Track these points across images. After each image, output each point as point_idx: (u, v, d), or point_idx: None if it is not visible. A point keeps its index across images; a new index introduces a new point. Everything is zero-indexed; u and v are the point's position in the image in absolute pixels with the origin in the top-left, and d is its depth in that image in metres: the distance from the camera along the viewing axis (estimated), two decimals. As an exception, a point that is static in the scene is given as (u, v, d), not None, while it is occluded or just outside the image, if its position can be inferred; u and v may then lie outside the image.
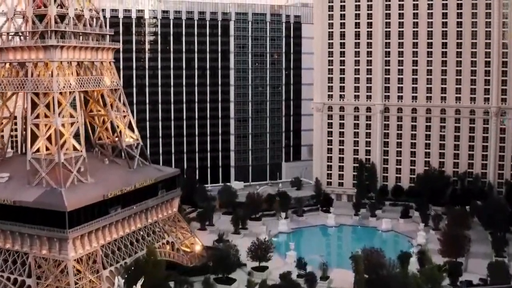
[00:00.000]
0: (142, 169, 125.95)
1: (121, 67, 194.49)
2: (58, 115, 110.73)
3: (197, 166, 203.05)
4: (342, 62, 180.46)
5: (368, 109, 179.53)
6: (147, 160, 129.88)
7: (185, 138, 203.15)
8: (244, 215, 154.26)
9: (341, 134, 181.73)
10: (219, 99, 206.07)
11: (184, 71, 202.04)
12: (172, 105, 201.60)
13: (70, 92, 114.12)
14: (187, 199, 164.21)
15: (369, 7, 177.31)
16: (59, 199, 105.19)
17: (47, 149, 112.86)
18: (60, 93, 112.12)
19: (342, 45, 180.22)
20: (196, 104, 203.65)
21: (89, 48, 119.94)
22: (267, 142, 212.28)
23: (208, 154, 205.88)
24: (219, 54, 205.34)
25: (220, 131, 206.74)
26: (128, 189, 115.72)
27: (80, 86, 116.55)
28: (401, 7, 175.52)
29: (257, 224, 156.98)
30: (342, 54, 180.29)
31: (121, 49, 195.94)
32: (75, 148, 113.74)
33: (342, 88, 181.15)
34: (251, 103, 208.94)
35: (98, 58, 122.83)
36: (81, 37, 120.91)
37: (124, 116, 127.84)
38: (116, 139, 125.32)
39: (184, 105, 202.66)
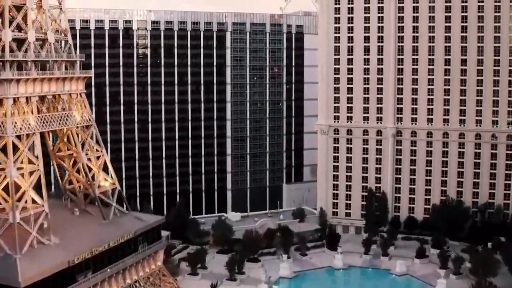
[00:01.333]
0: (119, 220, 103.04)
1: (107, 82, 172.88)
2: (13, 164, 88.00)
3: (190, 189, 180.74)
4: (350, 80, 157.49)
5: (379, 133, 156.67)
6: (125, 207, 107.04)
7: (177, 160, 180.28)
8: (241, 257, 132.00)
9: (349, 159, 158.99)
10: (215, 117, 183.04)
11: (176, 87, 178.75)
12: (163, 124, 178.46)
13: (29, 135, 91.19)
14: (178, 233, 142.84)
15: (380, 19, 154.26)
16: (12, 270, 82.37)
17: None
18: (17, 136, 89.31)
19: (350, 61, 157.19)
20: (190, 122, 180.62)
21: (54, 79, 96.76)
22: (267, 163, 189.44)
23: (203, 176, 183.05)
24: (214, 68, 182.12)
25: (215, 152, 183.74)
26: (101, 249, 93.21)
27: (42, 126, 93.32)
28: (415, 19, 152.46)
29: (255, 267, 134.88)
30: (350, 71, 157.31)
31: (107, 63, 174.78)
32: (35, 202, 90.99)
33: (349, 109, 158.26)
34: (249, 121, 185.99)
35: (66, 90, 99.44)
36: (45, 65, 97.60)
37: (98, 157, 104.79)
38: (89, 184, 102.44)
39: (177, 124, 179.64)
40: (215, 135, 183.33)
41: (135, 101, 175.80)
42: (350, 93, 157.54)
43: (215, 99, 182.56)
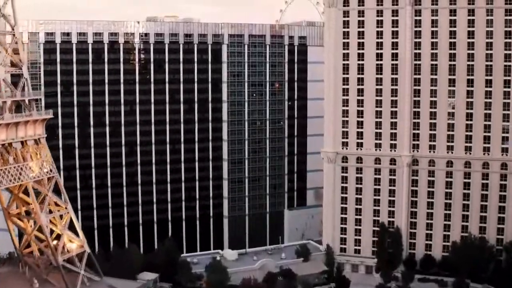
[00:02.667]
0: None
1: (91, 102, 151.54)
2: None
3: (183, 216, 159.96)
4: (360, 102, 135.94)
5: (393, 161, 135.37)
6: (97, 273, 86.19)
7: (169, 185, 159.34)
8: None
9: (359, 190, 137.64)
10: (210, 138, 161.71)
11: (167, 106, 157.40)
12: (153, 147, 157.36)
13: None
14: (167, 275, 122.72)
15: (394, 34, 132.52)
16: None
17: None
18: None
19: (360, 80, 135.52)
20: (182, 144, 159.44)
21: (3, 125, 75.77)
22: (267, 187, 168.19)
23: (197, 202, 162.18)
24: (210, 85, 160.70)
25: (211, 176, 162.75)
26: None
27: (-14, 186, 72.80)
28: (434, 34, 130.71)
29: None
30: (360, 92, 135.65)
31: (90, 81, 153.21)
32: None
33: (360, 135, 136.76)
34: (248, 141, 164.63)
35: (19, 137, 78.60)
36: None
37: (62, 216, 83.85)
38: (50, 248, 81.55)
39: (168, 146, 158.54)
40: (210, 157, 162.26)
41: (122, 122, 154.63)
42: (361, 116, 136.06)
43: (210, 119, 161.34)
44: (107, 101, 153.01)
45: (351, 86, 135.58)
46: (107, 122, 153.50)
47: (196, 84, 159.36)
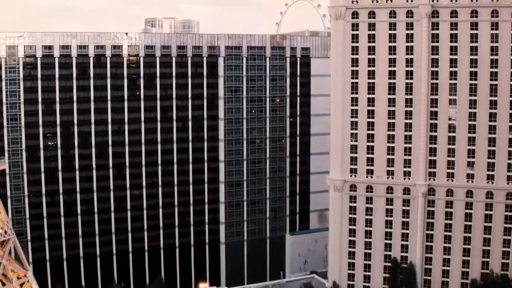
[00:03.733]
0: None
1: (75, 121, 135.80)
2: None
3: (177, 243, 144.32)
4: (371, 125, 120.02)
5: (406, 190, 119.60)
6: None
7: (161, 210, 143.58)
8: None
9: (368, 222, 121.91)
10: (205, 158, 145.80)
11: (159, 124, 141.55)
12: (143, 169, 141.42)
13: None
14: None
15: (409, 49, 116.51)
16: None
17: None
18: None
19: (371, 101, 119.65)
20: (175, 166, 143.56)
21: None
22: (267, 211, 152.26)
23: (191, 228, 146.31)
24: (205, 101, 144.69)
25: (206, 199, 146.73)
26: None
27: None
28: (453, 50, 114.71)
29: None
30: (371, 113, 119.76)
31: (74, 98, 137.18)
32: None
33: (370, 161, 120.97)
34: (247, 162, 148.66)
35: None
36: None
37: (22, 284, 68.24)
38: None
39: (160, 168, 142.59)
40: (206, 179, 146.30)
41: (110, 142, 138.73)
42: (371, 140, 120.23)
43: (205, 138, 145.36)
44: (93, 120, 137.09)
45: (361, 107, 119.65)
46: (93, 143, 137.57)
47: (190, 101, 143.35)
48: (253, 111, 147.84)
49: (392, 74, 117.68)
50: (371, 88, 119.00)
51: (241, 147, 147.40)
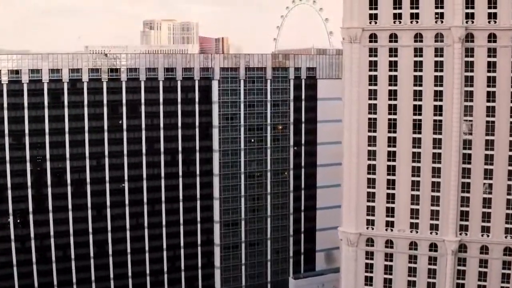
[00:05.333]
0: None
1: (47, 156, 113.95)
2: None
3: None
4: (391, 169, 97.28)
5: (433, 247, 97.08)
6: None
7: (147, 254, 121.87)
8: None
9: (388, 282, 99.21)
10: (198, 195, 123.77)
11: (144, 158, 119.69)
12: (127, 209, 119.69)
13: None
14: None
15: (438, 80, 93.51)
16: None
17: None
18: None
19: (392, 141, 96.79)
20: (164, 204, 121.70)
21: None
22: (268, 252, 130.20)
23: (182, 274, 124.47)
24: (197, 130, 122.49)
25: (199, 241, 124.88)
26: None
27: None
28: (491, 82, 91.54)
29: None
30: (392, 155, 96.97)
31: (46, 130, 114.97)
32: None
33: (390, 211, 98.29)
34: (245, 198, 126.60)
35: None
36: None
37: None
38: None
39: (146, 207, 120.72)
40: (199, 219, 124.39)
41: (88, 180, 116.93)
42: (391, 187, 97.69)
43: (198, 172, 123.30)
44: (68, 155, 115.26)
45: (380, 147, 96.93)
46: (69, 180, 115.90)
47: (180, 130, 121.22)
48: (252, 141, 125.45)
49: (417, 109, 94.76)
50: (392, 125, 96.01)
51: (239, 182, 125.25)
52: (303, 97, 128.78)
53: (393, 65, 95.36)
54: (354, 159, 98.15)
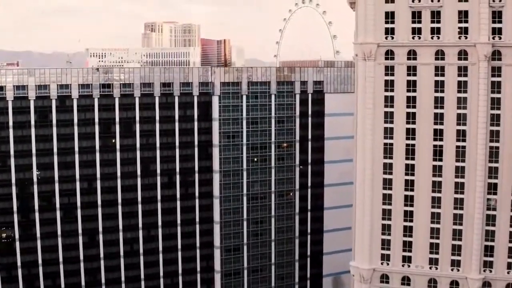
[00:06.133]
0: None
1: (34, 179, 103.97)
2: None
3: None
4: (409, 199, 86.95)
5: (454, 284, 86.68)
6: None
7: (143, 283, 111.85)
8: None
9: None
10: (197, 219, 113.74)
11: (139, 180, 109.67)
12: (120, 234, 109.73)
13: None
14: None
15: (461, 102, 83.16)
16: None
17: None
18: None
19: (409, 168, 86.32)
20: (160, 229, 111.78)
21: None
22: (272, 279, 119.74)
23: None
24: (196, 150, 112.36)
25: (198, 268, 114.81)
26: None
27: None
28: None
29: None
30: (409, 184, 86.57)
31: (33, 151, 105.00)
32: None
33: (407, 245, 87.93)
34: (247, 222, 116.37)
35: None
36: None
37: None
38: None
39: (141, 232, 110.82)
40: (198, 244, 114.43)
41: (78, 204, 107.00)
42: (409, 219, 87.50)
43: (197, 194, 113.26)
44: (56, 178, 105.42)
45: (396, 176, 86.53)
46: (58, 205, 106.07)
47: (177, 150, 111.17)
48: (255, 160, 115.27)
49: (438, 134, 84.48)
50: (410, 151, 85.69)
51: (241, 204, 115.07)
52: (309, 112, 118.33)
53: (411, 85, 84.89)
54: (367, 188, 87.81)
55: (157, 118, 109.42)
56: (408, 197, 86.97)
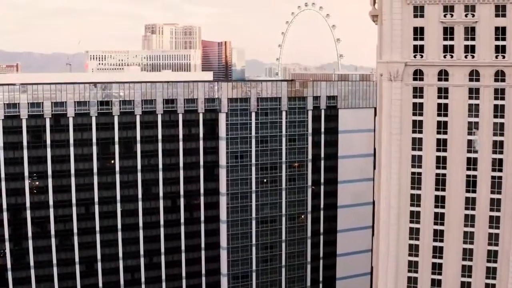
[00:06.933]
0: None
1: (27, 204, 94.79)
2: None
3: None
4: (439, 235, 77.45)
5: (488, 328, 78.33)
6: None
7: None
8: None
9: None
10: (202, 245, 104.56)
11: (140, 204, 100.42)
12: (120, 263, 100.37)
13: None
14: None
15: (498, 128, 73.87)
16: None
17: None
18: None
19: (440, 200, 77.03)
20: (163, 256, 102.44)
21: None
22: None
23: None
24: (201, 171, 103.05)
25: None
26: None
27: None
28: None
29: None
30: (439, 218, 77.14)
31: (26, 173, 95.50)
32: None
33: (435, 284, 78.34)
34: (256, 247, 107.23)
35: None
36: None
37: None
38: None
39: (142, 261, 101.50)
40: (204, 272, 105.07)
41: (75, 230, 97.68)
42: (438, 255, 78.55)
43: (202, 219, 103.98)
44: (51, 202, 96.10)
45: (424, 209, 76.74)
46: (53, 232, 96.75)
47: (182, 172, 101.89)
48: (265, 181, 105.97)
49: (472, 163, 75.37)
50: (440, 182, 76.15)
51: (249, 229, 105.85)
52: (322, 129, 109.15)
53: (442, 109, 75.74)
54: (393, 221, 78.47)
55: (160, 137, 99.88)
56: (437, 231, 77.75)
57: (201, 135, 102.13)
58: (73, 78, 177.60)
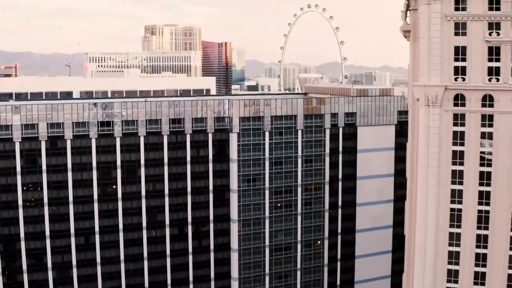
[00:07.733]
0: None
1: (21, 234, 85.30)
2: None
3: None
4: (480, 278, 68.51)
5: None
6: None
7: None
8: None
9: None
10: (212, 275, 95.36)
11: (144, 232, 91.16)
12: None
13: None
14: None
15: (548, 158, 65.05)
16: None
17: None
18: None
19: (482, 240, 67.54)
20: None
21: None
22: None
23: None
24: (211, 196, 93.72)
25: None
26: None
27: None
28: None
29: None
30: (481, 259, 68.05)
31: (19, 202, 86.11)
32: None
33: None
34: (270, 277, 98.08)
35: None
36: None
37: None
38: None
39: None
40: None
41: (74, 262, 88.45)
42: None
43: (212, 247, 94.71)
44: (48, 232, 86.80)
45: (465, 250, 67.72)
46: (50, 264, 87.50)
47: (190, 197, 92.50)
48: (279, 206, 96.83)
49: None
50: (483, 219, 67.19)
51: (262, 257, 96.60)
52: (340, 149, 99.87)
53: (486, 138, 66.86)
54: (429, 262, 69.61)
55: (166, 160, 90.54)
56: (479, 274, 69.10)
57: (210, 157, 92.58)
58: (72, 83, 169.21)
